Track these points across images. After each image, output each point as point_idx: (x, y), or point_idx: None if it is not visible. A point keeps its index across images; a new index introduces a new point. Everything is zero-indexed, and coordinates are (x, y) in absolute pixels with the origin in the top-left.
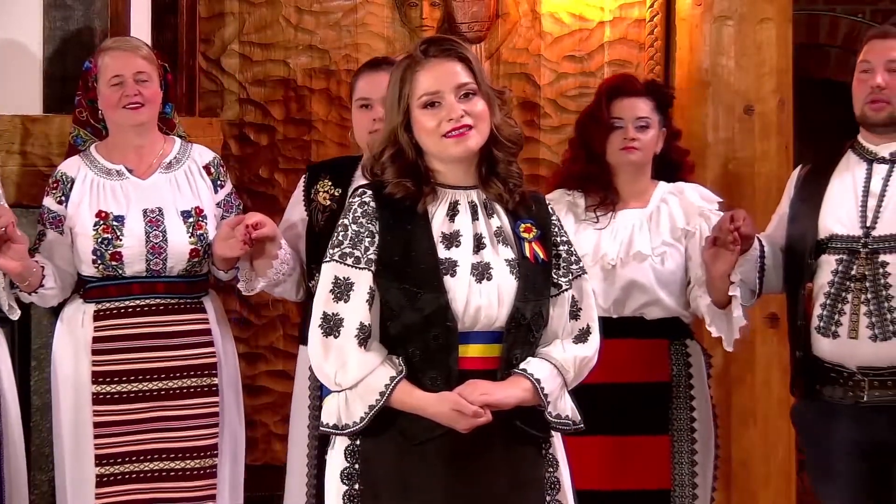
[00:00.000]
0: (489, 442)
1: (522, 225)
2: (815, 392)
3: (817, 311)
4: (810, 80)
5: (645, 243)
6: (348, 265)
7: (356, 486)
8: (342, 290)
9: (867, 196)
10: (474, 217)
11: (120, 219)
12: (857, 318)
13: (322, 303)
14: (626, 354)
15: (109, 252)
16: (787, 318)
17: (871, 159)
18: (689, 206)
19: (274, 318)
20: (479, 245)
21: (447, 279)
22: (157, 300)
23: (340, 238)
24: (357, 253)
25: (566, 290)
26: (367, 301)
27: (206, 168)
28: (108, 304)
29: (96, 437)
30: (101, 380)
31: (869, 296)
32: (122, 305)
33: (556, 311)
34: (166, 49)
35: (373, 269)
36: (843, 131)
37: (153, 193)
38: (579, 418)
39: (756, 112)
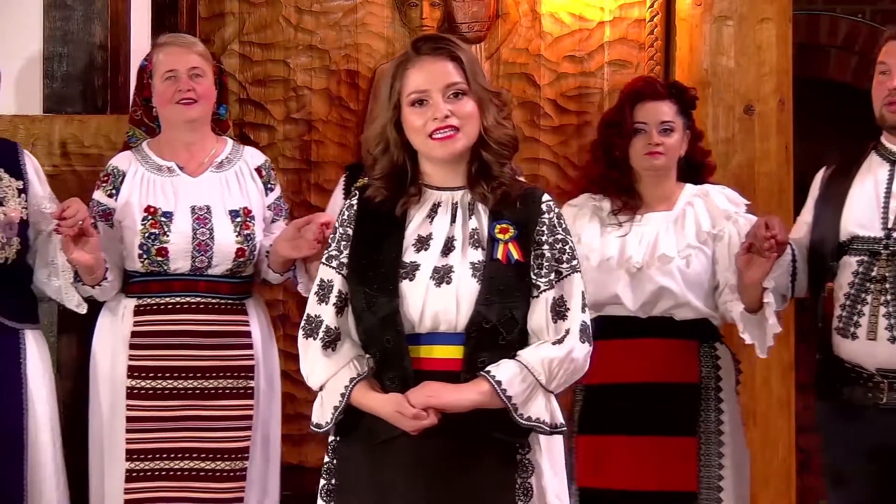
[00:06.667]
0: (452, 443)
1: (498, 226)
2: (836, 393)
3: (837, 311)
4: (810, 80)
5: (670, 246)
6: (332, 268)
7: (333, 482)
8: (324, 292)
9: (889, 197)
10: (453, 220)
11: (168, 215)
12: (877, 320)
13: (309, 304)
14: (655, 354)
15: (155, 247)
16: (808, 320)
17: (893, 160)
18: (715, 210)
19: (274, 318)
20: (448, 248)
21: (404, 283)
22: (198, 298)
23: (330, 240)
24: (339, 256)
25: (545, 290)
26: (335, 304)
27: (258, 170)
28: (148, 300)
29: (128, 431)
30: (136, 374)
31: (888, 297)
32: (162, 301)
33: (535, 313)
34: None
35: (343, 272)
36: (844, 131)
37: (202, 191)
38: (559, 421)
39: (756, 112)
